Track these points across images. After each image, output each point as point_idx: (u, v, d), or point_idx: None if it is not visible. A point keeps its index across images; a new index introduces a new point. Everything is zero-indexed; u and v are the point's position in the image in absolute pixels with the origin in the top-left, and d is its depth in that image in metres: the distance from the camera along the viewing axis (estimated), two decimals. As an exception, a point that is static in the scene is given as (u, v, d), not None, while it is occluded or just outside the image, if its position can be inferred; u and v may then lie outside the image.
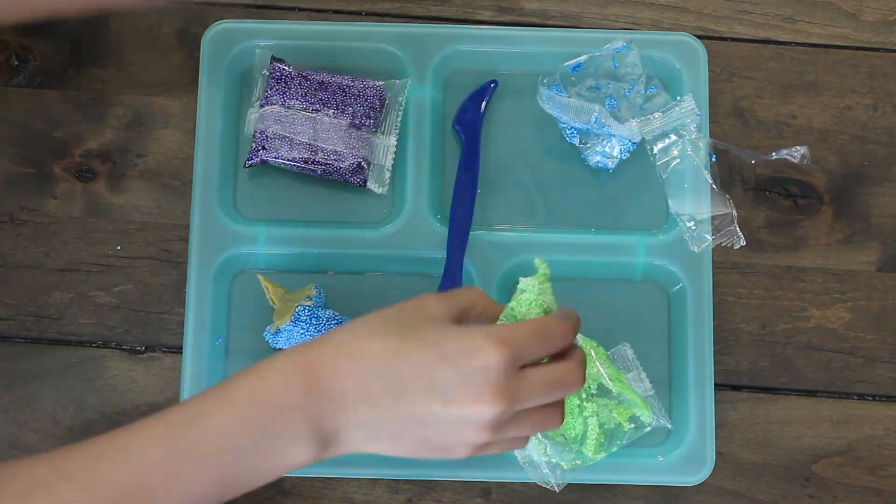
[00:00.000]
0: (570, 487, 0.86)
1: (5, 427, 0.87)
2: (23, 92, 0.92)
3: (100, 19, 0.93)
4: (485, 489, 0.87)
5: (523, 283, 0.69)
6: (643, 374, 0.86)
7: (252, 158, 0.88)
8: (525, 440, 0.69)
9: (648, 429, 0.84)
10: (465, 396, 0.63)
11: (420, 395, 0.64)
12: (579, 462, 0.83)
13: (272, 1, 0.94)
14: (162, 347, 0.88)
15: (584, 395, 0.83)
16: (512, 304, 0.69)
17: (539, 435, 0.82)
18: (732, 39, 0.95)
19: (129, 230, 0.90)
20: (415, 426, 0.65)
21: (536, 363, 0.66)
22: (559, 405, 0.68)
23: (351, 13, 0.94)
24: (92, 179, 0.91)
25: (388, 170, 0.89)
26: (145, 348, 0.88)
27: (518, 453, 0.84)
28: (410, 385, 0.64)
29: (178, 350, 0.88)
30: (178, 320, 0.88)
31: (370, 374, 0.64)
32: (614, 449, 0.84)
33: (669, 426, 0.85)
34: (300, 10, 0.94)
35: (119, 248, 0.89)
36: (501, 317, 0.69)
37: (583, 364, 0.67)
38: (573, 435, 0.84)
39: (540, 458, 0.83)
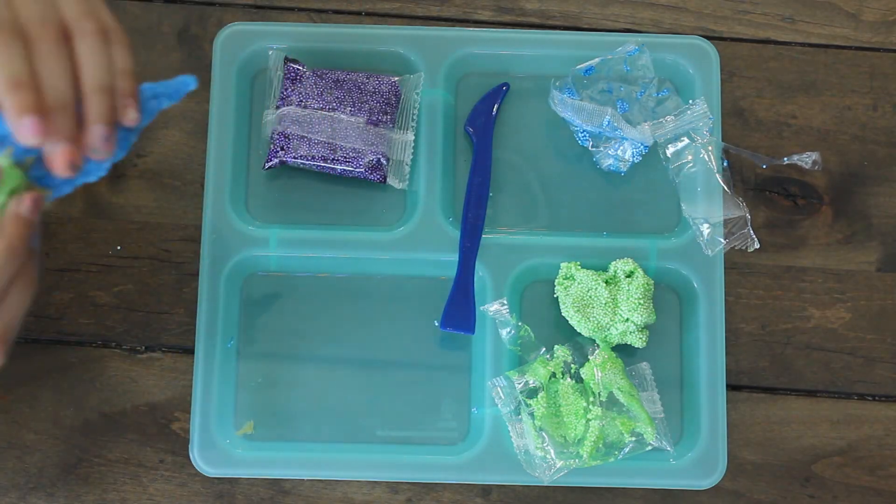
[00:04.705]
0: (571, 487, 0.86)
1: (5, 427, 0.87)
2: (22, 91, 0.91)
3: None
4: (485, 489, 0.87)
5: None
6: (657, 396, 0.86)
7: (271, 160, 0.88)
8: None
9: (650, 447, 0.84)
10: None
11: None
12: (573, 463, 0.83)
13: (272, 1, 0.94)
14: (162, 347, 0.88)
15: (591, 399, 0.83)
16: None
17: (539, 430, 0.83)
18: (732, 39, 0.95)
19: (129, 230, 0.89)
20: None
21: None
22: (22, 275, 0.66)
23: (351, 13, 0.94)
24: (92, 179, 0.90)
25: (406, 165, 0.89)
26: (145, 348, 0.88)
27: (515, 442, 0.84)
28: None
29: (177, 350, 0.88)
30: (178, 320, 0.88)
31: None
32: (611, 459, 0.83)
33: (671, 449, 0.85)
34: (300, 10, 0.94)
35: (119, 248, 0.89)
36: None
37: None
38: (573, 437, 0.84)
39: (535, 452, 0.83)
